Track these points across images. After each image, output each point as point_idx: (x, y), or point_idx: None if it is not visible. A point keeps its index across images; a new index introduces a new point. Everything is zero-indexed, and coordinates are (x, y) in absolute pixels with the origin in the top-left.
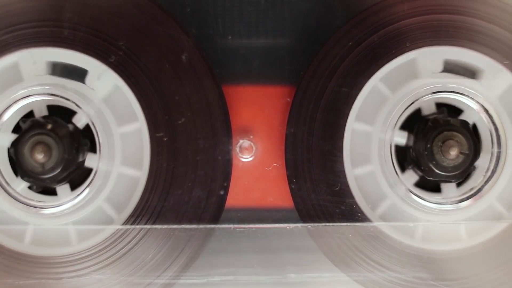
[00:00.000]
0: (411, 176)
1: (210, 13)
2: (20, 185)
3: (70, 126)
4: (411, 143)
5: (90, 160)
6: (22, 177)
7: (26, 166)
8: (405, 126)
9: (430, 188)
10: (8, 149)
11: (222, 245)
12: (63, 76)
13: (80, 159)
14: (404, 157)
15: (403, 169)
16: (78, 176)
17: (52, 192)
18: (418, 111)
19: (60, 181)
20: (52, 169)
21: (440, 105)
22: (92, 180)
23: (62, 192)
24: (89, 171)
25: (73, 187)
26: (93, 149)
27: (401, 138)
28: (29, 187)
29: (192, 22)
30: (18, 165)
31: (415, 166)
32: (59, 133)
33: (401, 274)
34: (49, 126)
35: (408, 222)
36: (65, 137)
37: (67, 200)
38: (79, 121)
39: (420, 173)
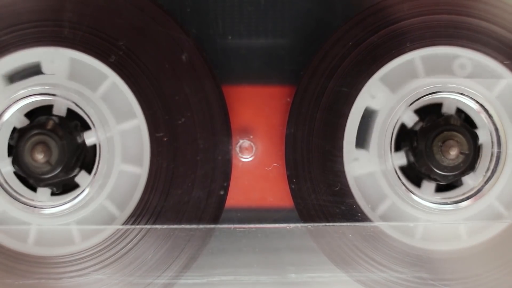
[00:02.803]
0: (429, 187)
1: (210, 13)
2: (44, 195)
3: (55, 118)
4: (412, 160)
5: (89, 138)
6: (39, 186)
7: (35, 172)
8: (399, 147)
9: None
10: (14, 172)
11: (222, 245)
12: (22, 78)
13: (79, 141)
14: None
15: (418, 185)
16: (88, 159)
17: (73, 187)
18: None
19: (73, 169)
20: (59, 160)
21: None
22: (100, 153)
23: (82, 180)
24: (94, 148)
25: (89, 170)
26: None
27: (401, 160)
28: (52, 193)
29: (192, 22)
30: (29, 177)
31: (428, 177)
32: (48, 127)
33: (401, 274)
34: (37, 128)
35: (408, 222)
36: (54, 128)
37: (87, 184)
38: (59, 111)
39: (433, 181)
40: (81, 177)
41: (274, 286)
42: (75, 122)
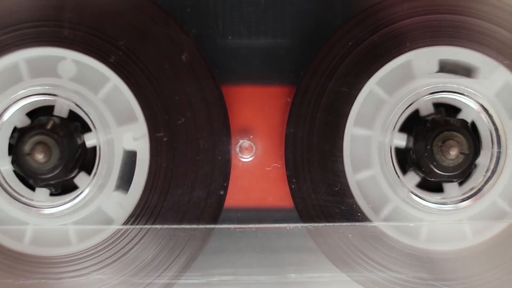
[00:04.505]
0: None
1: (210, 13)
2: (41, 195)
3: (55, 119)
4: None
5: (89, 140)
6: (37, 185)
7: (35, 172)
8: (404, 128)
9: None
10: (14, 171)
11: (222, 245)
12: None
13: (79, 142)
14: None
15: (404, 171)
16: (88, 161)
17: (73, 188)
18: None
19: (72, 170)
20: (59, 160)
21: (438, 105)
22: (100, 156)
23: (81, 182)
24: (94, 150)
25: (89, 171)
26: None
27: (401, 140)
28: (51, 194)
29: (192, 22)
30: (27, 176)
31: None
32: (48, 127)
33: (401, 274)
34: (38, 128)
35: (408, 222)
36: (54, 128)
37: (87, 185)
38: (61, 112)
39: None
40: (80, 179)
41: (274, 286)
42: (75, 124)
